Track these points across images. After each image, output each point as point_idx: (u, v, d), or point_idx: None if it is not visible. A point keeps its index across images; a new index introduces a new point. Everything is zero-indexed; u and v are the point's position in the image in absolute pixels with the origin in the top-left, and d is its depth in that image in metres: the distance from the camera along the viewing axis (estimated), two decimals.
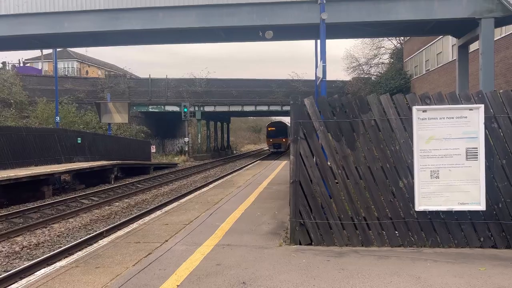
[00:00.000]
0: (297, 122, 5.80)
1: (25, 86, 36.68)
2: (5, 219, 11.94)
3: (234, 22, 15.76)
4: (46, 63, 56.30)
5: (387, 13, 14.85)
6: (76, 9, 16.33)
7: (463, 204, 5.45)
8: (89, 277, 4.57)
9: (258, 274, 4.59)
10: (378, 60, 43.46)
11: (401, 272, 4.60)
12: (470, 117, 5.41)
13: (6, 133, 18.32)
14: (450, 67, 23.37)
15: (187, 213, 8.05)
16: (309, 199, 5.75)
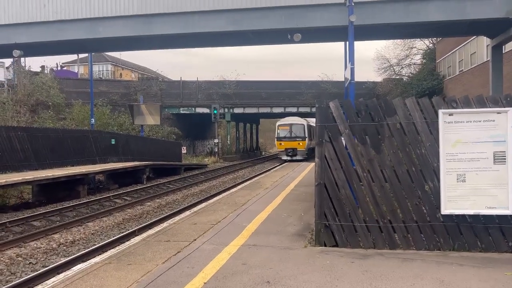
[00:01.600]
0: (322, 125, 5.88)
1: (62, 88, 38.03)
2: (43, 217, 12.50)
3: (263, 26, 15.95)
4: (82, 67, 58.15)
5: (417, 14, 14.68)
6: (111, 15, 16.93)
7: (490, 208, 5.39)
8: (122, 273, 4.81)
9: (282, 274, 4.71)
10: (410, 61, 42.64)
11: (425, 275, 4.62)
12: (498, 120, 5.36)
13: (44, 134, 19.13)
14: (485, 68, 22.74)
15: (215, 213, 8.26)
16: (334, 201, 5.83)
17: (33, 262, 8.61)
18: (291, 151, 37.11)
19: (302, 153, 37.16)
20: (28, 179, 13.99)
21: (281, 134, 38.20)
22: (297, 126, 38.08)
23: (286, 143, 37.37)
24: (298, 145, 37.37)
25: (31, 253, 9.17)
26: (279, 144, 38.32)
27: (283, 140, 37.74)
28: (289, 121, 38.86)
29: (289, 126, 38.10)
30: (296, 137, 37.45)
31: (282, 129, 38.33)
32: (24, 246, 9.61)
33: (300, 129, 37.80)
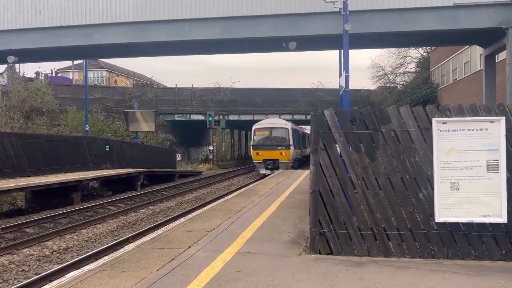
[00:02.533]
0: (317, 133, 5.91)
1: (57, 95, 37.93)
2: (36, 224, 12.41)
3: (258, 34, 16.04)
4: (76, 73, 58.08)
5: (411, 23, 14.83)
6: (106, 22, 16.95)
7: (484, 216, 5.42)
8: (115, 281, 4.79)
9: (277, 282, 4.71)
10: (404, 69, 43.09)
11: (419, 283, 4.63)
12: (491, 129, 5.41)
13: (38, 141, 19.05)
14: (478, 77, 22.95)
15: (210, 220, 8.24)
16: (329, 209, 5.84)
17: (26, 269, 8.53)
18: (271, 163, 28.49)
19: (286, 165, 28.66)
20: (21, 186, 13.89)
21: (258, 140, 29.83)
22: (278, 131, 29.97)
23: (264, 153, 28.93)
24: (280, 155, 28.82)
25: (24, 260, 9.09)
26: (256, 154, 29.24)
27: (261, 148, 29.23)
28: (269, 124, 30.94)
29: (269, 130, 29.99)
30: (278, 144, 29.17)
31: (260, 134, 30.09)
32: (16, 253, 9.53)
33: (283, 134, 29.68)
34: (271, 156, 28.76)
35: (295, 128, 33.08)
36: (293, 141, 29.67)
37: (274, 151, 28.88)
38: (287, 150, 29.04)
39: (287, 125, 30.48)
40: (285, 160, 28.80)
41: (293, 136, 29.92)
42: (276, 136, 29.73)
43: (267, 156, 28.82)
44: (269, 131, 29.97)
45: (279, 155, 28.78)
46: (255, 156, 29.40)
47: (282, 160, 28.65)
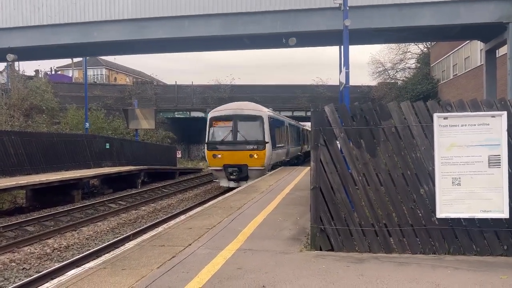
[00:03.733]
0: (317, 129, 5.88)
1: (56, 93, 37.86)
2: (37, 222, 12.42)
3: (257, 30, 15.97)
4: (76, 71, 57.99)
5: (411, 18, 14.76)
6: (105, 19, 16.88)
7: (485, 212, 5.40)
8: (116, 278, 4.77)
9: (278, 279, 4.69)
10: (404, 65, 42.98)
11: (420, 279, 4.61)
12: (493, 124, 5.38)
13: (38, 139, 19.03)
14: (479, 72, 22.90)
15: (210, 217, 8.22)
16: (330, 205, 5.82)
17: (27, 267, 8.54)
18: (237, 171, 18.75)
19: (259, 173, 18.74)
20: (22, 184, 13.89)
21: (215, 135, 19.57)
22: (247, 121, 19.36)
23: (225, 155, 18.91)
24: (250, 158, 18.78)
25: (25, 258, 9.10)
26: (212, 157, 19.16)
27: (219, 148, 19.13)
28: (232, 109, 19.94)
29: (232, 120, 19.27)
30: (246, 142, 18.95)
31: (218, 126, 19.61)
32: (17, 251, 9.53)
33: (255, 127, 19.28)
34: (236, 160, 18.56)
35: (277, 118, 23.21)
36: (270, 137, 19.47)
37: (240, 152, 18.57)
38: (261, 150, 18.60)
39: (261, 111, 19.75)
40: (257, 166, 18.58)
41: (271, 129, 19.73)
42: (243, 128, 19.06)
43: (230, 161, 18.63)
44: (233, 121, 19.03)
45: (248, 159, 18.52)
46: (211, 160, 18.99)
47: (253, 167, 18.51)
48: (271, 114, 21.35)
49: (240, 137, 19.06)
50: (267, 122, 19.50)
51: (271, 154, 19.69)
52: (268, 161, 19.48)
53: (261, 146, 18.92)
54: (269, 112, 21.08)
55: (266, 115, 19.86)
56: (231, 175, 18.82)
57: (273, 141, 20.29)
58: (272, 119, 21.00)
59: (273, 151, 20.12)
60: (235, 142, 18.99)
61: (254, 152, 18.82)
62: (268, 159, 19.38)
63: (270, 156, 19.58)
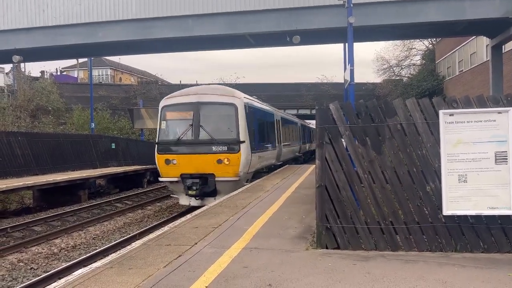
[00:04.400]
0: (322, 127, 5.87)
1: (62, 93, 38.05)
2: (44, 222, 12.50)
3: (261, 28, 15.97)
4: (81, 71, 58.25)
5: (416, 15, 14.68)
6: (109, 19, 16.94)
7: (492, 209, 5.36)
8: (123, 278, 4.79)
9: (284, 277, 4.69)
10: (409, 62, 42.72)
11: (427, 277, 4.59)
12: (499, 120, 5.33)
13: (45, 139, 19.15)
14: (485, 68, 22.76)
15: (216, 216, 8.23)
16: (335, 203, 5.81)
17: (35, 267, 8.60)
18: (198, 184, 13.21)
19: (231, 185, 13.40)
20: (29, 184, 13.99)
21: (169, 132, 14.24)
22: (213, 114, 13.94)
23: (183, 160, 13.57)
24: (218, 165, 13.36)
25: (32, 258, 9.16)
26: (164, 163, 13.73)
27: (174, 150, 13.80)
28: (192, 96, 14.21)
29: (192, 111, 13.80)
30: (212, 141, 13.48)
31: (174, 120, 14.32)
32: (25, 251, 9.60)
33: (225, 120, 13.88)
34: (198, 168, 13.25)
35: (260, 108, 17.30)
36: (249, 134, 14.05)
37: (204, 156, 13.26)
38: (234, 153, 13.30)
39: (233, 97, 14.08)
40: (229, 175, 13.28)
41: (249, 123, 14.28)
42: (209, 122, 13.59)
43: (189, 168, 13.33)
44: (194, 111, 13.59)
45: (216, 166, 13.23)
46: (164, 167, 13.62)
47: (222, 177, 13.22)
48: (251, 102, 15.24)
49: (203, 135, 13.22)
50: (242, 112, 13.60)
51: (250, 158, 13.87)
52: (245, 168, 13.55)
53: (234, 147, 13.15)
54: (247, 99, 14.88)
55: (242, 103, 13.72)
56: (190, 189, 12.87)
57: (254, 139, 14.70)
58: (252, 109, 15.13)
59: (254, 154, 14.41)
60: (196, 142, 13.19)
61: (224, 155, 13.07)
62: (245, 165, 13.46)
63: (249, 161, 13.76)
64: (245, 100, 14.35)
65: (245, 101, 14.36)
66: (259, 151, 15.52)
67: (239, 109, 13.63)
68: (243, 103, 14.06)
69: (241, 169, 13.43)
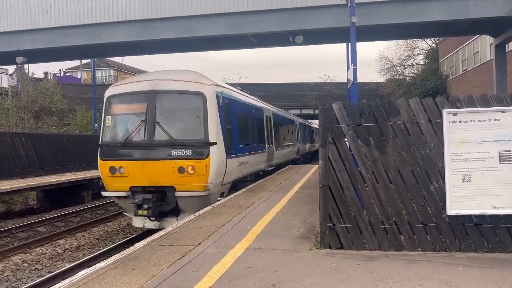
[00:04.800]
0: (325, 127, 5.86)
1: (65, 94, 38.13)
2: (48, 223, 12.54)
3: (264, 29, 15.96)
4: (85, 72, 58.42)
5: (419, 14, 14.64)
6: (112, 20, 16.97)
7: (497, 208, 5.34)
8: (127, 278, 4.80)
9: (287, 277, 4.69)
10: (413, 61, 42.65)
11: (431, 277, 4.58)
12: (503, 119, 5.32)
13: (48, 140, 19.21)
14: (488, 67, 22.68)
15: (219, 217, 8.23)
16: (339, 203, 5.80)
17: (39, 268, 8.63)
18: (152, 201, 9.72)
19: (198, 202, 10.08)
20: (32, 185, 14.04)
21: (116, 131, 10.76)
22: (173, 106, 10.47)
23: (133, 169, 10.15)
24: (179, 176, 9.94)
25: (37, 259, 9.19)
26: (109, 172, 10.39)
27: (121, 155, 10.36)
28: (147, 82, 10.62)
29: (146, 102, 10.33)
30: (172, 143, 10.04)
31: (122, 114, 10.81)
32: (29, 252, 9.63)
33: (189, 114, 10.40)
34: (153, 180, 10.19)
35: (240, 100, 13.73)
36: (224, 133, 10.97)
37: (160, 163, 10.15)
38: (201, 159, 10.13)
39: (201, 84, 10.67)
40: (195, 189, 10.12)
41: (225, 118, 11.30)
42: (168, 117, 10.51)
43: (141, 180, 10.26)
44: (148, 103, 10.42)
45: (177, 177, 10.08)
46: (108, 178, 10.64)
47: (185, 191, 10.08)
48: (227, 92, 11.86)
49: (160, 135, 10.10)
50: (214, 104, 10.38)
51: (225, 164, 10.78)
52: (218, 178, 10.42)
53: (202, 151, 10.00)
54: (222, 87, 11.53)
55: (213, 92, 10.43)
56: (140, 208, 9.63)
57: (233, 140, 11.69)
58: (230, 101, 11.88)
59: (232, 159, 11.32)
60: (151, 145, 10.04)
61: (188, 162, 9.90)
62: (217, 174, 10.33)
63: (222, 169, 10.67)
64: (218, 89, 10.87)
65: (218, 90, 10.89)
66: (239, 155, 12.16)
67: (209, 99, 10.20)
68: (215, 92, 10.57)
69: (211, 180, 10.04)
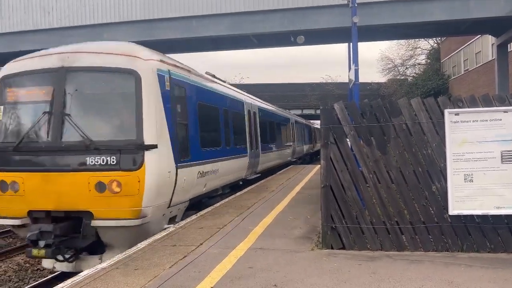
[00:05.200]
0: (327, 127, 5.86)
1: None
2: None
3: (265, 29, 15.97)
4: None
5: (421, 14, 14.63)
6: (114, 21, 17.01)
7: (499, 208, 5.33)
8: (129, 279, 4.81)
9: (289, 277, 4.69)
10: (414, 61, 42.68)
11: (433, 277, 4.58)
12: (505, 119, 5.31)
13: None
14: (490, 67, 22.64)
15: (221, 217, 8.23)
16: (340, 203, 5.80)
17: (41, 268, 8.62)
18: (52, 232, 6.45)
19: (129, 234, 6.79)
20: None
21: (9, 126, 7.22)
22: (92, 90, 7.07)
23: (30, 182, 6.76)
24: (96, 196, 6.57)
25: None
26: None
27: (13, 162, 6.94)
28: (56, 57, 7.15)
29: (53, 83, 6.96)
30: (88, 146, 6.65)
31: (19, 103, 7.31)
32: None
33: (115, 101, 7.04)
34: (60, 202, 6.72)
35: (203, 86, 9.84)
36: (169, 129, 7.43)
37: (70, 176, 6.69)
38: (130, 170, 6.64)
39: (133, 58, 7.14)
40: (122, 215, 6.63)
41: (171, 108, 7.64)
42: (83, 107, 7.06)
43: (43, 202, 6.77)
44: (56, 84, 6.99)
45: (93, 198, 6.61)
46: None
47: (106, 219, 6.64)
48: (177, 71, 8.44)
49: (70, 134, 6.94)
50: (154, 88, 7.31)
51: (174, 177, 7.66)
52: (161, 198, 7.31)
53: (133, 159, 6.83)
54: (169, 64, 8.18)
55: (152, 70, 7.34)
56: (35, 244, 6.65)
57: (186, 141, 8.42)
58: (182, 85, 8.52)
59: (186, 170, 8.14)
60: (57, 148, 6.92)
61: (112, 175, 6.72)
62: (159, 193, 7.18)
63: (170, 184, 7.53)
64: (162, 66, 7.63)
65: (163, 69, 7.66)
66: (201, 162, 8.87)
67: (145, 80, 7.02)
68: (157, 70, 7.36)
69: (148, 201, 6.82)
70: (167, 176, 7.30)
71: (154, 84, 7.20)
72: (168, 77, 7.71)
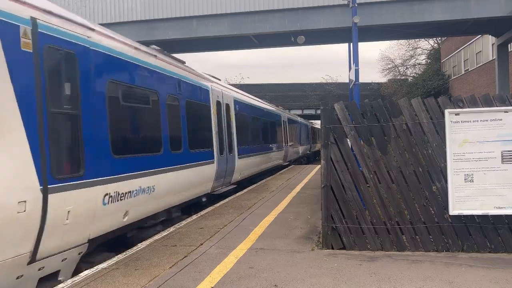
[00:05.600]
0: (327, 127, 5.86)
1: None
2: None
3: (266, 29, 15.98)
4: None
5: (421, 14, 14.63)
6: (115, 21, 17.00)
7: (499, 208, 5.33)
8: (129, 279, 4.80)
9: (289, 277, 4.68)
10: (415, 61, 42.67)
11: (434, 277, 4.57)
12: (506, 119, 5.31)
13: None
14: (490, 67, 22.63)
15: (222, 217, 8.23)
16: (341, 203, 5.79)
17: None
18: None
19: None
20: None
21: None
22: None
23: None
24: None
25: None
26: None
27: None
28: None
29: None
30: None
31: None
32: None
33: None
34: None
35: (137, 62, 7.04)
36: (36, 113, 4.45)
37: None
38: None
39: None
40: None
41: (60, 81, 4.89)
42: None
43: None
44: None
45: None
46: None
47: None
48: (59, 26, 4.99)
49: None
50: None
51: (39, 210, 4.48)
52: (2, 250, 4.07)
53: None
54: (31, 7, 4.58)
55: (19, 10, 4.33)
56: None
57: (80, 142, 5.25)
58: (65, 43, 5.08)
59: (66, 194, 4.89)
60: None
61: None
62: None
63: (31, 222, 4.39)
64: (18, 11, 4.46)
65: (19, 15, 4.47)
66: (115, 177, 5.97)
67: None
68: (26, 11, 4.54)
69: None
70: (17, 209, 4.18)
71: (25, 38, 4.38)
72: (28, 30, 4.52)
